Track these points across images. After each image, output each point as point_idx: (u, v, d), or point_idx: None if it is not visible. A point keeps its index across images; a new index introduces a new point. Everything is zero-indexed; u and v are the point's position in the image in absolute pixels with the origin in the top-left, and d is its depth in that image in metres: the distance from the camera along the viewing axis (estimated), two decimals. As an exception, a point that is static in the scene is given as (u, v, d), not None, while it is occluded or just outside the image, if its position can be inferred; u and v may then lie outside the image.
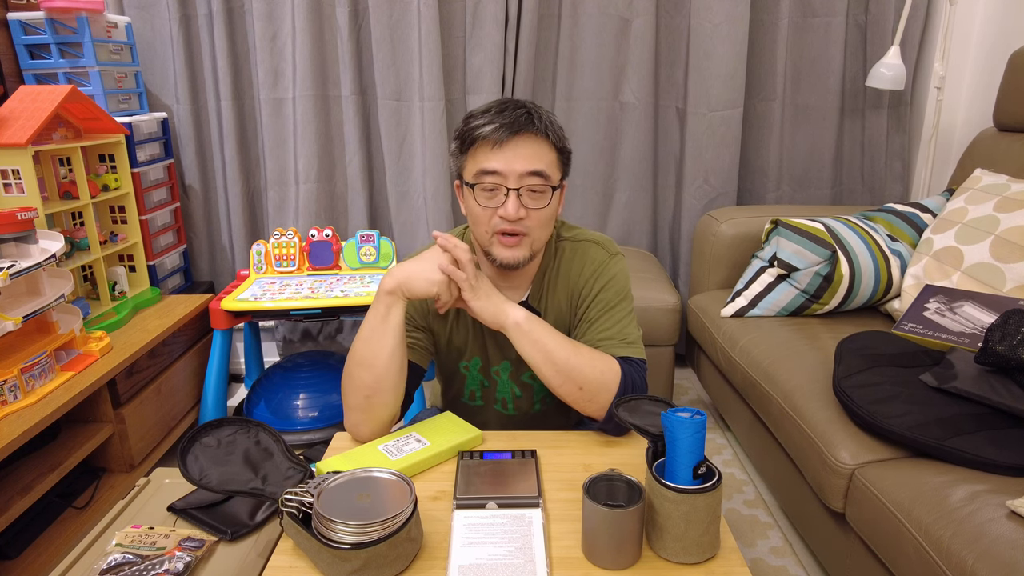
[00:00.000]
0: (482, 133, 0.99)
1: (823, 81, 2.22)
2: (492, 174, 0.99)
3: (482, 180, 1.00)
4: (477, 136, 1.00)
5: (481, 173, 1.00)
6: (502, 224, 1.01)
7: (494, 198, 1.01)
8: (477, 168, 1.01)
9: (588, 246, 1.13)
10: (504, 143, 0.98)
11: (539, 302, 1.13)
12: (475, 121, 1.01)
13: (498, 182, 1.00)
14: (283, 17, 2.13)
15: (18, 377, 1.37)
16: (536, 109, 1.02)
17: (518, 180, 0.99)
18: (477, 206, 1.02)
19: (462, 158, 1.04)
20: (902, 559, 0.99)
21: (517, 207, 0.99)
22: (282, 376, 2.08)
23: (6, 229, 1.39)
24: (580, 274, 1.12)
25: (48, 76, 1.93)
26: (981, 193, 1.55)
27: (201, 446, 0.93)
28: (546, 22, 2.19)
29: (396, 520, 0.77)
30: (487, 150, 0.99)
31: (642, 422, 0.89)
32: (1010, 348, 1.08)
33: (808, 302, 1.68)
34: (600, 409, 1.03)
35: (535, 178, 1.00)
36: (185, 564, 0.85)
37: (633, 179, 2.31)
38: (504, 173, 0.99)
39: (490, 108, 1.02)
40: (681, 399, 2.29)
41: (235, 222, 2.31)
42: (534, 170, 0.99)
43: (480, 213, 1.03)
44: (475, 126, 1.00)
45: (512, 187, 0.99)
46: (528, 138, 0.99)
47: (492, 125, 0.99)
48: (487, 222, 1.03)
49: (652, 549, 0.82)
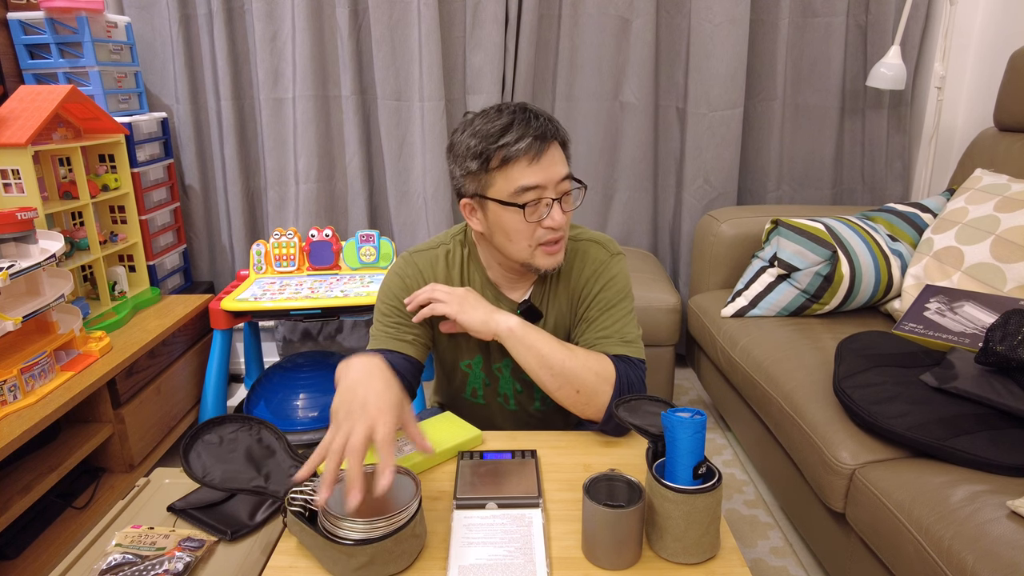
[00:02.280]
0: (519, 149, 0.97)
1: (823, 81, 2.22)
2: (534, 188, 0.98)
3: (524, 196, 0.99)
4: (513, 154, 0.97)
5: (522, 190, 0.98)
6: (549, 235, 1.01)
7: (536, 211, 1.00)
8: (515, 186, 0.98)
9: (589, 245, 1.14)
10: (541, 156, 0.98)
11: (540, 302, 1.13)
12: (503, 139, 0.97)
13: (541, 195, 0.99)
14: (283, 17, 2.13)
15: (18, 377, 1.37)
16: (543, 113, 1.02)
17: (556, 188, 1.00)
18: (520, 223, 1.00)
19: (486, 176, 1.00)
20: (902, 559, 0.99)
21: (563, 216, 1.01)
22: (282, 376, 2.08)
23: (6, 229, 1.39)
24: (581, 274, 1.12)
25: (48, 76, 1.93)
26: (981, 193, 1.55)
27: (204, 443, 0.93)
28: (546, 22, 2.19)
29: (402, 516, 0.77)
30: (524, 166, 0.98)
31: (642, 422, 0.89)
32: (1010, 348, 1.08)
33: (808, 302, 1.68)
34: (598, 411, 1.03)
35: (567, 182, 1.01)
36: (185, 564, 0.85)
37: (633, 179, 2.31)
38: (545, 185, 0.99)
39: (508, 123, 0.99)
40: (681, 399, 2.29)
41: (235, 222, 2.31)
42: (566, 175, 1.01)
43: (524, 228, 1.01)
44: (504, 144, 0.97)
45: (554, 197, 1.00)
46: (552, 145, 1.00)
47: (526, 140, 0.97)
48: (530, 236, 1.01)
49: (652, 549, 0.81)
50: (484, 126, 1.00)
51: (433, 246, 1.15)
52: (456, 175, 1.05)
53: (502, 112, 1.01)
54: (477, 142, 0.99)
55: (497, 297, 1.13)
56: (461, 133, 1.03)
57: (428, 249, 1.15)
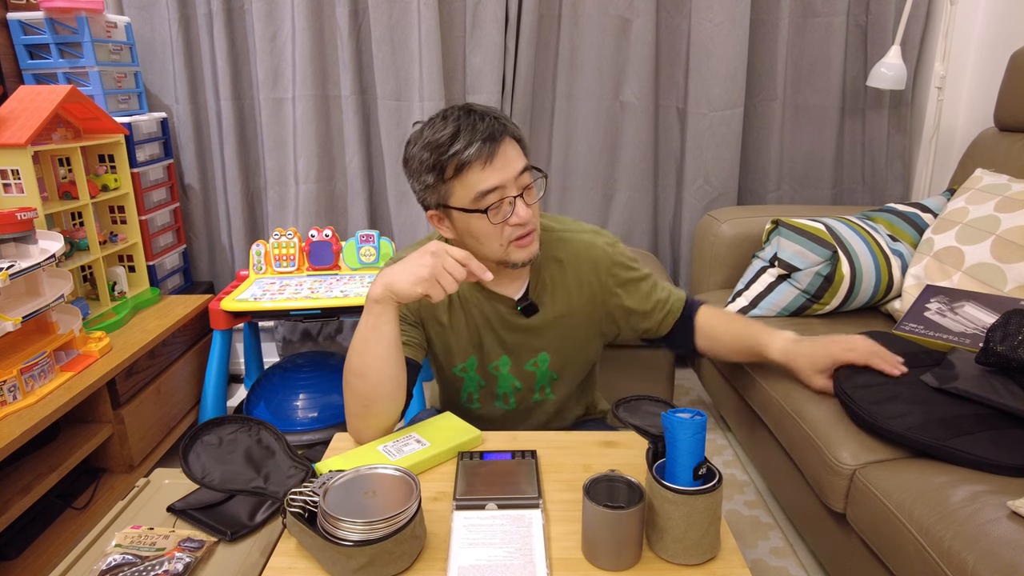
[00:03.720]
0: (469, 156, 0.97)
1: (824, 81, 2.22)
2: (494, 190, 0.99)
3: (485, 200, 0.99)
4: (465, 161, 0.97)
5: (481, 195, 0.99)
6: (518, 231, 1.02)
7: (500, 212, 1.00)
8: (474, 192, 0.99)
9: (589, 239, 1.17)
10: (494, 157, 0.98)
11: (539, 296, 1.14)
12: (452, 148, 0.97)
13: (502, 195, 1.00)
14: (283, 17, 2.13)
15: (18, 377, 1.37)
16: (488, 111, 1.01)
17: (516, 185, 1.00)
18: (487, 226, 1.01)
19: (444, 187, 1.01)
20: (903, 559, 0.99)
21: (528, 210, 1.01)
22: (282, 376, 2.08)
23: (6, 229, 1.39)
24: (594, 268, 1.15)
25: (48, 76, 1.92)
26: (982, 193, 1.55)
27: (203, 444, 0.93)
28: (546, 22, 2.19)
29: (401, 517, 0.77)
30: (479, 170, 0.98)
31: (642, 423, 0.89)
32: (1011, 348, 1.08)
33: (809, 302, 1.67)
34: None
35: (527, 175, 1.02)
36: (185, 565, 0.85)
37: (633, 179, 2.31)
38: (504, 184, 0.99)
39: (455, 130, 0.98)
40: (682, 399, 2.29)
41: (235, 222, 2.31)
42: (522, 168, 1.01)
43: (492, 231, 1.02)
44: (455, 152, 0.97)
45: (515, 194, 1.00)
46: (504, 142, 0.99)
47: (474, 145, 0.96)
48: (499, 236, 1.02)
49: (652, 550, 0.81)
50: (432, 136, 0.99)
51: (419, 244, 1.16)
52: (416, 189, 1.05)
53: (447, 119, 1.00)
54: (428, 154, 0.99)
55: (488, 296, 1.13)
56: (413, 147, 1.03)
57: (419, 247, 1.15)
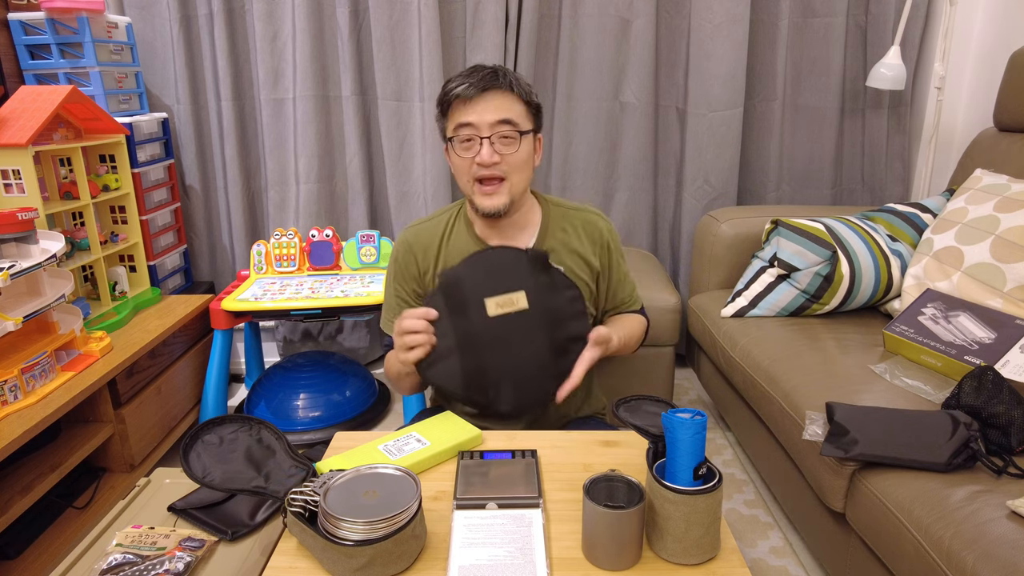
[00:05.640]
0: (456, 92, 1.11)
1: (823, 81, 2.22)
2: (467, 126, 1.12)
3: (459, 133, 1.13)
4: (452, 96, 1.12)
5: (457, 127, 1.13)
6: (480, 171, 1.13)
7: (471, 149, 1.13)
8: (454, 124, 1.13)
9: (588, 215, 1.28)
10: (474, 98, 1.11)
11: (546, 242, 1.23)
12: (450, 84, 1.13)
13: (473, 133, 1.11)
14: (283, 17, 2.13)
15: (18, 377, 1.37)
16: (502, 69, 1.14)
17: (490, 129, 1.11)
18: (458, 158, 1.15)
19: (444, 120, 1.17)
20: (902, 559, 0.99)
21: (491, 153, 1.11)
22: (282, 376, 2.08)
23: (7, 229, 1.39)
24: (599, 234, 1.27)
25: (48, 76, 1.93)
26: (981, 193, 1.55)
27: (203, 444, 0.93)
28: (546, 22, 2.19)
29: (401, 517, 0.77)
30: (461, 106, 1.12)
31: (642, 422, 0.89)
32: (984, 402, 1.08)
33: (808, 302, 1.68)
34: None
35: (504, 126, 1.12)
36: (185, 564, 0.85)
37: (633, 179, 2.31)
38: (477, 124, 1.11)
39: (463, 72, 1.14)
40: (681, 399, 2.30)
41: (235, 222, 2.31)
42: (503, 119, 1.11)
43: (460, 164, 1.15)
44: (449, 88, 1.13)
45: (484, 135, 1.11)
46: (496, 93, 1.11)
47: (464, 84, 1.11)
48: (467, 172, 1.14)
49: (652, 550, 0.82)
50: (451, 78, 1.16)
51: (435, 215, 1.28)
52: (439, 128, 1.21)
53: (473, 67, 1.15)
54: (441, 94, 1.16)
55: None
56: None
57: (427, 220, 1.28)
